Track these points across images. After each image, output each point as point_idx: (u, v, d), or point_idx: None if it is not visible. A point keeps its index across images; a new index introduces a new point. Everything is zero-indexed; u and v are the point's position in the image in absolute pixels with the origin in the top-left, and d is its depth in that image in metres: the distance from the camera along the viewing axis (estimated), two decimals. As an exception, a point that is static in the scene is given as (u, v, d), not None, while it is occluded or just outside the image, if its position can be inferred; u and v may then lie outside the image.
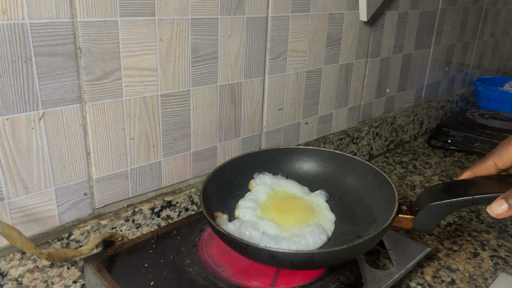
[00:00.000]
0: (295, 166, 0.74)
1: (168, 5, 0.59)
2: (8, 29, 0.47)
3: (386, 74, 1.08)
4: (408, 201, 0.88)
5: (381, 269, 0.65)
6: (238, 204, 0.66)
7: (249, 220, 0.60)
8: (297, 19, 0.78)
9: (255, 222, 0.60)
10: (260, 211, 0.63)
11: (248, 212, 0.62)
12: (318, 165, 0.74)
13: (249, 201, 0.65)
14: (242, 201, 0.66)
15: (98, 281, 0.54)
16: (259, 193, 0.66)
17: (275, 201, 0.66)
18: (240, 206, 0.64)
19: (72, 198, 0.58)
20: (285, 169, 0.73)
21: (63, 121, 0.54)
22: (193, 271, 0.56)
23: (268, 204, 0.65)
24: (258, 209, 0.63)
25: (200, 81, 0.67)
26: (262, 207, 0.64)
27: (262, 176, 0.70)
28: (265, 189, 0.67)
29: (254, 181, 0.70)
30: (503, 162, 0.52)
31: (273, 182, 0.70)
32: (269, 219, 0.61)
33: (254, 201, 0.65)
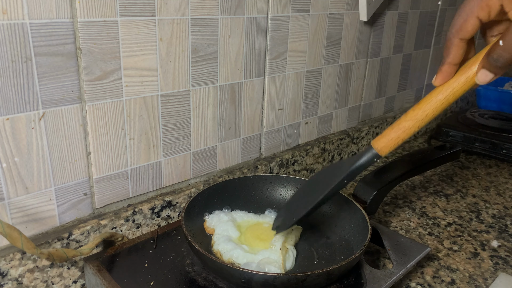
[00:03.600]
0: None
1: (168, 5, 0.59)
2: (8, 29, 0.47)
3: (386, 74, 1.08)
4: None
5: (381, 269, 0.65)
6: (215, 245, 0.60)
7: (251, 260, 0.57)
8: (297, 19, 0.78)
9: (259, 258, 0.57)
10: (247, 247, 0.59)
11: (240, 252, 0.58)
12: (287, 192, 0.73)
13: (226, 242, 0.59)
14: (220, 244, 0.59)
15: (98, 281, 0.54)
16: (228, 231, 0.62)
17: (248, 233, 0.63)
18: (222, 250, 0.59)
19: (72, 198, 0.58)
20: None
21: (63, 121, 0.54)
22: (193, 271, 0.56)
23: (245, 238, 0.62)
24: (243, 245, 0.60)
25: (200, 81, 0.67)
26: (243, 242, 0.61)
27: (214, 215, 0.65)
28: (231, 225, 0.63)
29: (209, 223, 0.64)
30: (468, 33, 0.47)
31: (228, 217, 0.64)
32: (262, 249, 0.59)
33: (230, 240, 0.60)
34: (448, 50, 0.47)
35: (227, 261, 0.57)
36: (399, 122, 0.50)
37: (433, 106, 0.47)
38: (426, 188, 0.94)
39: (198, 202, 0.64)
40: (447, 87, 0.47)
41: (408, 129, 0.49)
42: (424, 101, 0.48)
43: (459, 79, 0.46)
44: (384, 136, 0.51)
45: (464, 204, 0.88)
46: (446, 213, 0.84)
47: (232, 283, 0.53)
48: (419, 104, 0.48)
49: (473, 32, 0.46)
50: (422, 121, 0.48)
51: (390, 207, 0.85)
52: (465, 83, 0.46)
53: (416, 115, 0.48)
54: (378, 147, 0.51)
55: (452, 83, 0.47)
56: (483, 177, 1.01)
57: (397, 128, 0.50)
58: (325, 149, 0.94)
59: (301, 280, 0.50)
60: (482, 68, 0.45)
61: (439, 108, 0.47)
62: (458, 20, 0.46)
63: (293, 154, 0.86)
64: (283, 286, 0.50)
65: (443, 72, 0.48)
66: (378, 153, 0.51)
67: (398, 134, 0.50)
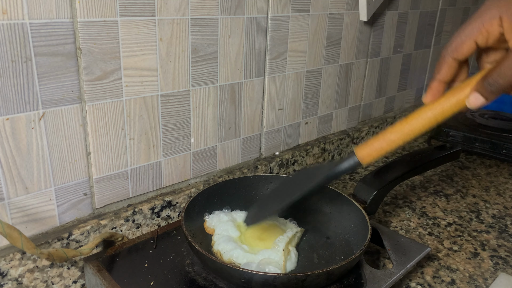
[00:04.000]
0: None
1: (168, 5, 0.59)
2: (8, 29, 0.47)
3: (386, 74, 1.08)
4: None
5: (381, 269, 0.65)
6: (215, 245, 0.60)
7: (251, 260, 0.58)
8: (297, 19, 0.78)
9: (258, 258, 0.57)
10: (247, 247, 0.59)
11: (240, 252, 0.58)
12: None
13: (226, 242, 0.59)
14: (220, 244, 0.59)
15: (98, 281, 0.54)
16: (228, 231, 0.62)
17: (248, 233, 0.63)
18: (222, 250, 0.59)
19: (72, 198, 0.58)
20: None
21: (63, 121, 0.54)
22: (193, 271, 0.56)
23: (246, 238, 0.62)
24: (243, 245, 0.60)
25: (200, 81, 0.67)
26: (244, 242, 0.61)
27: (214, 215, 0.65)
28: (231, 225, 0.63)
29: (209, 223, 0.64)
30: (463, 55, 0.47)
31: (228, 217, 0.65)
32: (262, 249, 0.59)
33: (231, 240, 0.60)
34: (440, 67, 0.48)
35: (227, 261, 0.57)
36: (384, 133, 0.50)
37: (421, 123, 0.47)
38: (426, 188, 0.94)
39: (198, 202, 0.64)
40: (437, 105, 0.47)
41: (392, 141, 0.49)
42: (412, 116, 0.48)
43: (450, 100, 0.46)
44: (368, 145, 0.51)
45: (464, 204, 0.88)
46: (446, 213, 0.84)
47: (232, 283, 0.53)
48: (407, 118, 0.48)
49: (468, 54, 0.47)
50: (408, 136, 0.48)
51: (390, 207, 0.85)
52: (456, 104, 0.46)
53: (403, 129, 0.48)
54: (360, 155, 0.51)
55: (443, 103, 0.47)
56: (483, 177, 1.01)
57: (382, 139, 0.50)
58: (325, 149, 0.94)
59: (301, 280, 0.50)
60: (475, 92, 0.45)
61: (426, 126, 0.47)
62: (456, 40, 0.47)
63: (293, 154, 0.86)
64: (283, 286, 0.50)
65: (432, 89, 0.48)
66: (360, 161, 0.51)
67: (382, 146, 0.50)
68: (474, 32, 0.45)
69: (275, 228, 0.64)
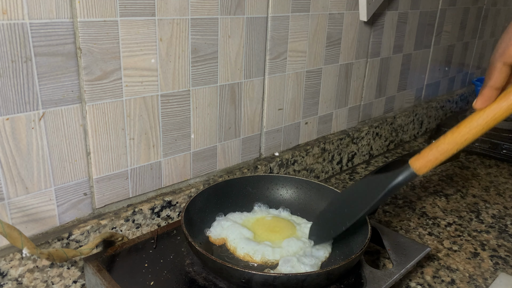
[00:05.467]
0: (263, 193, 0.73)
1: (168, 5, 0.59)
2: (8, 29, 0.47)
3: (386, 74, 1.08)
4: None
5: (381, 269, 0.65)
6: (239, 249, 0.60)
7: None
8: (297, 19, 0.78)
9: None
10: (270, 242, 0.60)
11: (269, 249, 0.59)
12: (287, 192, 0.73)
13: (248, 243, 0.60)
14: (244, 247, 0.60)
15: (98, 281, 0.54)
16: (242, 234, 0.62)
17: (259, 230, 0.63)
18: (251, 252, 0.59)
19: (72, 198, 0.58)
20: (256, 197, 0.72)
21: (63, 121, 0.54)
22: (193, 271, 0.56)
23: (261, 235, 0.62)
24: (265, 242, 0.60)
25: (200, 81, 0.67)
26: (263, 239, 0.62)
27: (215, 226, 0.64)
28: (239, 228, 0.63)
29: (215, 234, 0.63)
30: (511, 57, 0.45)
31: (230, 222, 0.64)
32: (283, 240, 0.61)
33: (250, 240, 0.61)
34: (490, 73, 0.47)
35: (260, 261, 0.58)
36: (438, 144, 0.50)
37: (473, 131, 0.47)
38: (426, 188, 0.94)
39: (198, 202, 0.64)
40: (489, 111, 0.46)
41: (446, 151, 0.50)
42: (463, 124, 0.48)
43: (501, 104, 0.46)
44: (423, 156, 0.52)
45: (464, 204, 0.88)
46: (446, 213, 0.84)
47: (232, 283, 0.53)
48: (458, 127, 0.49)
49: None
50: (461, 145, 0.49)
51: (390, 207, 0.85)
52: (507, 108, 0.46)
53: (455, 139, 0.49)
54: (416, 167, 0.52)
55: (494, 108, 0.46)
56: (483, 177, 1.01)
57: (435, 150, 0.50)
58: (325, 149, 0.94)
59: (301, 280, 0.50)
60: None
61: (479, 133, 0.47)
62: (502, 44, 0.46)
63: (293, 154, 0.86)
64: (283, 286, 0.50)
65: (483, 95, 0.47)
66: (416, 172, 0.52)
67: (436, 156, 0.51)
68: None
69: (281, 220, 0.66)
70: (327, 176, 0.97)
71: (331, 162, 0.97)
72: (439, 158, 0.50)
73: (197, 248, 0.52)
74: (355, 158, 1.04)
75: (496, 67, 0.46)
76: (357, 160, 1.05)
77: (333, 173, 0.99)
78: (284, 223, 0.66)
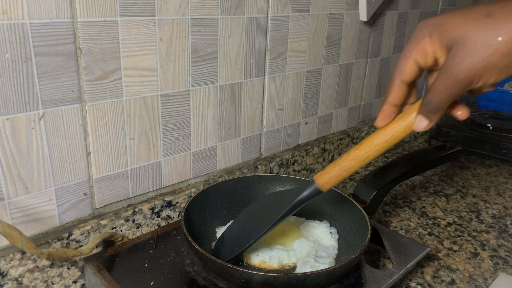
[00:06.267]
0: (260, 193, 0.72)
1: (168, 5, 0.59)
2: (8, 29, 0.47)
3: (386, 74, 1.08)
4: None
5: (381, 269, 0.65)
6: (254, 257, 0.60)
7: None
8: (297, 19, 0.78)
9: None
10: (281, 246, 0.61)
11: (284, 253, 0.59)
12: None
13: (261, 249, 0.60)
14: (259, 254, 0.60)
15: (98, 281, 0.54)
16: None
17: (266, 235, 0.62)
18: (266, 258, 0.59)
19: (72, 198, 0.58)
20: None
21: (63, 121, 0.54)
22: (193, 271, 0.56)
23: (270, 239, 0.62)
24: (277, 246, 0.61)
25: (200, 81, 0.67)
26: (275, 243, 0.62)
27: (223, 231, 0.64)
28: None
29: None
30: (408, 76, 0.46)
31: None
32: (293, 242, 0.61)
33: (262, 246, 0.61)
34: (389, 90, 0.48)
35: (278, 266, 0.58)
36: (341, 160, 0.52)
37: (374, 149, 0.49)
38: (426, 188, 0.94)
39: (198, 202, 0.64)
40: (389, 130, 0.48)
41: (349, 168, 0.51)
42: (366, 142, 0.49)
43: (400, 124, 0.47)
44: (327, 172, 0.53)
45: (464, 204, 0.88)
46: (446, 213, 0.84)
47: (232, 283, 0.53)
48: (361, 145, 0.50)
49: (413, 76, 0.46)
50: (363, 162, 0.50)
51: (390, 207, 0.85)
52: (406, 128, 0.47)
53: (358, 156, 0.50)
54: (320, 183, 0.53)
55: (394, 128, 0.48)
56: (483, 177, 1.01)
57: (339, 167, 0.52)
58: (325, 149, 0.94)
59: (301, 280, 0.50)
60: (418, 114, 0.45)
61: (380, 151, 0.49)
62: (400, 61, 0.47)
63: (293, 154, 0.86)
64: (283, 286, 0.50)
65: (383, 111, 0.48)
66: (320, 188, 0.53)
67: (340, 173, 0.52)
68: (413, 52, 0.44)
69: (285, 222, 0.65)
70: (327, 176, 0.97)
71: (331, 162, 0.97)
72: (342, 175, 0.52)
73: (197, 248, 0.52)
74: (355, 158, 1.04)
75: (394, 84, 0.47)
76: (357, 160, 1.05)
77: (333, 173, 0.99)
78: (288, 225, 0.65)
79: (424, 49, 0.43)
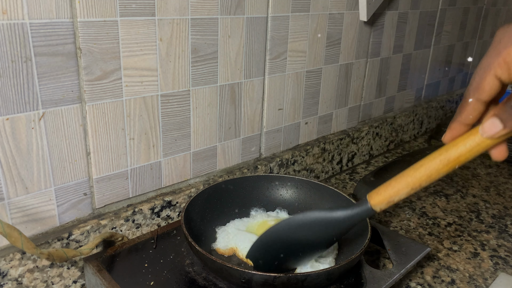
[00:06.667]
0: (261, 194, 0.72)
1: (168, 5, 0.59)
2: (8, 29, 0.47)
3: (386, 74, 1.08)
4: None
5: (381, 269, 0.65)
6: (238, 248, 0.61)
7: None
8: (297, 19, 0.78)
9: None
10: None
11: None
12: (287, 192, 0.73)
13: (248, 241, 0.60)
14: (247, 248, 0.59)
15: (98, 281, 0.54)
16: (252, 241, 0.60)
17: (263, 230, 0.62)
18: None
19: (72, 198, 0.58)
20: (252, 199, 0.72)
21: (63, 121, 0.54)
22: (193, 271, 0.56)
23: None
24: None
25: (200, 81, 0.67)
26: None
27: (221, 237, 0.64)
28: (246, 235, 0.62)
29: (224, 245, 0.62)
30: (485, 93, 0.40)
31: (234, 230, 0.64)
32: None
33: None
34: (462, 108, 0.43)
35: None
36: (400, 179, 0.48)
37: (432, 171, 0.46)
38: (426, 188, 0.94)
39: (198, 202, 0.64)
40: (452, 148, 0.43)
41: (410, 189, 0.48)
42: (427, 160, 0.46)
43: (467, 141, 0.42)
44: (382, 193, 0.49)
45: (464, 204, 0.88)
46: (446, 213, 0.84)
47: (232, 283, 0.53)
48: (422, 161, 0.47)
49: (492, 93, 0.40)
50: (425, 182, 0.47)
51: (390, 207, 0.85)
52: (474, 147, 0.42)
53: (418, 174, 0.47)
54: (374, 203, 0.49)
55: (459, 145, 0.43)
56: (483, 177, 1.01)
57: (397, 186, 0.48)
58: (325, 149, 0.94)
59: (301, 280, 0.50)
60: (493, 116, 0.40)
61: (442, 171, 0.45)
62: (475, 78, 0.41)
63: (293, 154, 0.86)
64: (283, 286, 0.50)
65: (451, 129, 0.44)
66: (373, 208, 0.49)
67: (398, 192, 0.48)
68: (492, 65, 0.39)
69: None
70: (327, 176, 0.97)
71: (331, 162, 0.97)
72: (399, 196, 0.48)
73: (197, 248, 0.52)
74: (355, 158, 1.04)
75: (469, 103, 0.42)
76: (357, 160, 1.05)
77: (333, 173, 0.99)
78: None
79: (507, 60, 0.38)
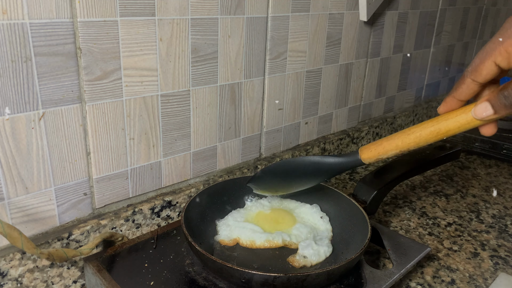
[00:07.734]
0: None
1: (168, 5, 0.59)
2: (8, 29, 0.47)
3: (386, 74, 1.08)
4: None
5: (381, 269, 0.65)
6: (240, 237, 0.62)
7: None
8: (297, 19, 0.78)
9: None
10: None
11: (285, 235, 0.62)
12: None
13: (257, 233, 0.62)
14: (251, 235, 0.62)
15: (98, 281, 0.54)
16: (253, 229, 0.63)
17: (264, 224, 0.64)
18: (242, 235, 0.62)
19: (72, 198, 0.58)
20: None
21: (63, 121, 0.54)
22: (193, 271, 0.56)
23: (269, 227, 0.64)
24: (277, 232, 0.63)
25: (200, 81, 0.67)
26: (273, 230, 0.63)
27: (223, 229, 0.64)
28: (247, 225, 0.63)
29: (227, 236, 0.63)
30: (482, 77, 0.43)
31: (234, 222, 0.64)
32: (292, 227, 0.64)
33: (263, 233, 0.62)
34: (458, 85, 0.46)
35: (282, 243, 0.61)
36: (390, 139, 0.55)
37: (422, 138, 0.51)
38: (426, 188, 0.94)
39: (198, 202, 0.64)
40: (441, 119, 0.48)
41: (396, 146, 0.55)
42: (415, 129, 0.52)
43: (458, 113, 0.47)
44: (371, 149, 0.56)
45: (464, 204, 0.88)
46: (446, 213, 0.84)
47: (232, 283, 0.53)
48: (415, 127, 0.52)
49: (488, 77, 0.43)
50: (414, 144, 0.53)
51: (390, 207, 0.85)
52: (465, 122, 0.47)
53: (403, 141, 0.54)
54: (363, 157, 0.57)
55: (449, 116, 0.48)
56: (483, 177, 1.01)
57: (385, 145, 0.56)
58: (325, 149, 0.94)
59: (301, 280, 0.50)
60: (486, 101, 0.43)
61: (430, 137, 0.50)
62: (476, 60, 0.44)
63: (293, 154, 0.86)
64: (283, 286, 0.50)
65: (446, 103, 0.48)
66: (362, 161, 0.57)
67: (386, 148, 0.55)
68: (493, 52, 0.41)
69: (280, 210, 0.68)
70: (327, 176, 0.97)
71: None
72: (387, 151, 0.55)
73: (197, 248, 0.52)
74: (355, 158, 1.04)
75: (465, 82, 0.45)
76: (357, 160, 1.05)
77: (333, 173, 0.99)
78: (283, 213, 0.67)
79: (508, 50, 0.40)
